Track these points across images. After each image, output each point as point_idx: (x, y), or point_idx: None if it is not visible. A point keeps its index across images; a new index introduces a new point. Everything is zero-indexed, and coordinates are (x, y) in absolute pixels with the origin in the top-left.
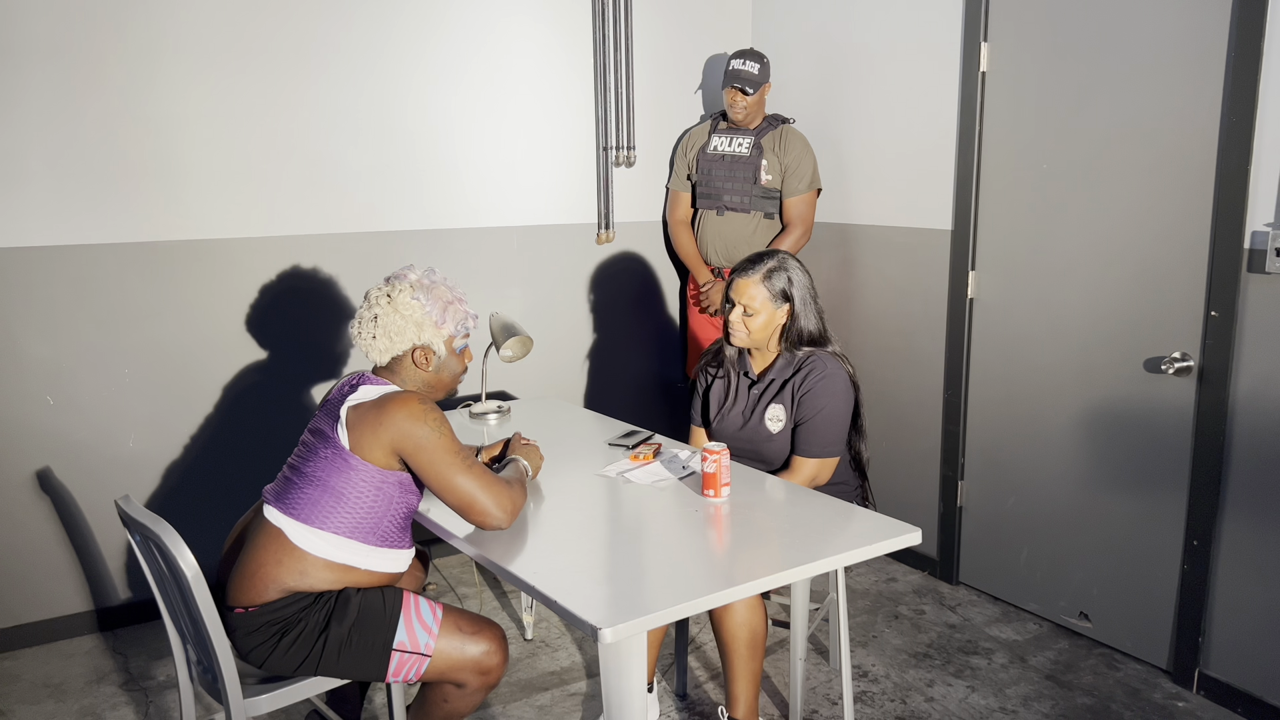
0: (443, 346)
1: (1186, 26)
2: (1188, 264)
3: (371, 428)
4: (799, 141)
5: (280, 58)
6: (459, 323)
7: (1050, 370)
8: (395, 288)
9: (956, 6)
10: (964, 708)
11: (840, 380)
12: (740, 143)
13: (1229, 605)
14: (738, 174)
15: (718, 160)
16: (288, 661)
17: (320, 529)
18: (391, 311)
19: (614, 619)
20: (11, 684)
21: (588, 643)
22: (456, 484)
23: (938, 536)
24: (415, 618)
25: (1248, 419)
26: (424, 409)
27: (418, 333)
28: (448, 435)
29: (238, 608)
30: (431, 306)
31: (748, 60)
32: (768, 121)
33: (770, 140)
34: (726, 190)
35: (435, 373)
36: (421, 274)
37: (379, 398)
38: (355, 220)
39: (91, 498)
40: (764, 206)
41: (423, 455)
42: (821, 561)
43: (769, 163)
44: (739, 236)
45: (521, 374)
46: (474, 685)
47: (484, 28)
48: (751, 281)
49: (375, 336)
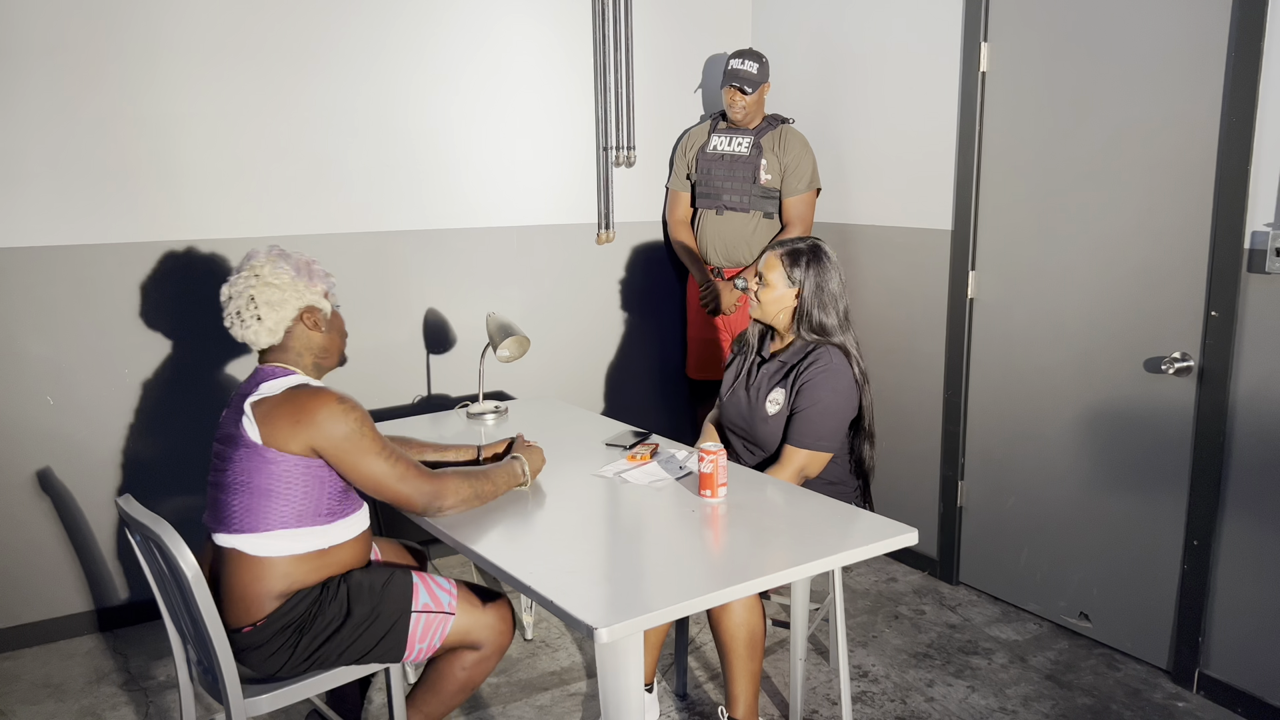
0: (325, 302)
1: (1186, 26)
2: (1188, 264)
3: (289, 426)
4: (798, 141)
5: (280, 57)
6: (324, 280)
7: (1050, 370)
8: (254, 268)
9: (956, 6)
10: (964, 708)
11: (843, 377)
12: (740, 142)
13: (1229, 605)
14: (737, 173)
15: (717, 160)
16: (311, 659)
17: (269, 531)
18: (265, 286)
19: (611, 619)
20: (11, 684)
21: (588, 643)
22: (381, 478)
23: (938, 536)
24: (433, 584)
25: (1248, 419)
26: (343, 408)
27: (298, 296)
28: (369, 431)
29: (245, 627)
30: (296, 271)
31: (746, 60)
32: (767, 121)
33: (770, 140)
34: (726, 190)
35: (327, 332)
36: (267, 250)
37: (288, 392)
38: (355, 220)
39: (91, 498)
40: (763, 206)
41: (345, 455)
42: (818, 562)
43: (768, 162)
44: (738, 236)
45: (520, 374)
46: (490, 647)
47: (484, 27)
48: (774, 255)
49: (260, 317)
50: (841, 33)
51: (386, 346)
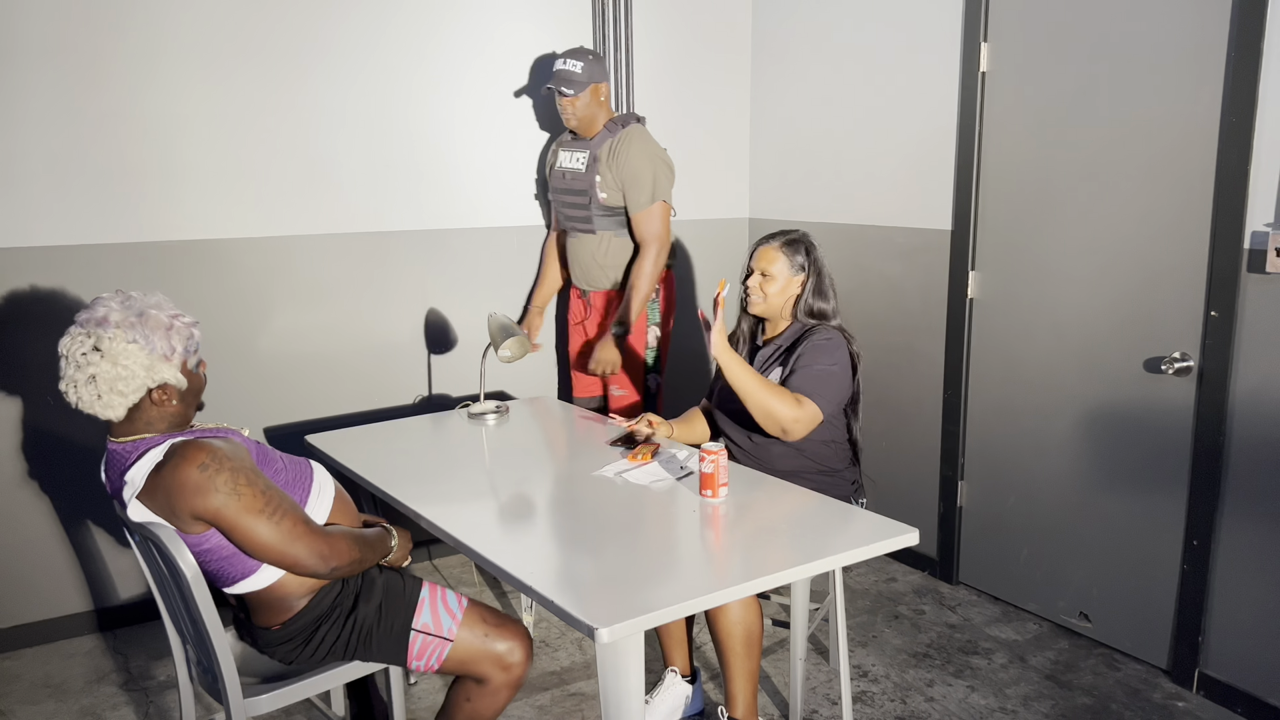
0: (179, 376)
1: (1186, 26)
2: (1188, 264)
3: (170, 516)
4: (637, 149)
5: (280, 57)
6: (186, 342)
7: (1050, 370)
8: (99, 338)
9: (956, 6)
10: (964, 708)
11: (841, 350)
12: (578, 157)
13: (1229, 605)
14: (577, 193)
15: (560, 178)
16: (320, 652)
17: (260, 570)
18: (110, 365)
19: (611, 619)
20: (11, 684)
21: (588, 642)
22: (267, 543)
23: (938, 536)
24: (440, 603)
25: (1247, 419)
26: (205, 475)
27: (148, 375)
28: (244, 488)
29: (274, 625)
30: (153, 341)
31: (569, 59)
32: (608, 128)
33: (605, 151)
34: (569, 211)
35: (180, 402)
36: (121, 308)
37: (150, 480)
38: (355, 220)
39: (91, 498)
40: (609, 226)
41: (226, 527)
42: (818, 562)
43: (603, 178)
44: (590, 259)
45: (520, 374)
46: (497, 682)
47: (484, 28)
48: (772, 248)
49: (100, 396)
50: (842, 33)
51: (387, 346)
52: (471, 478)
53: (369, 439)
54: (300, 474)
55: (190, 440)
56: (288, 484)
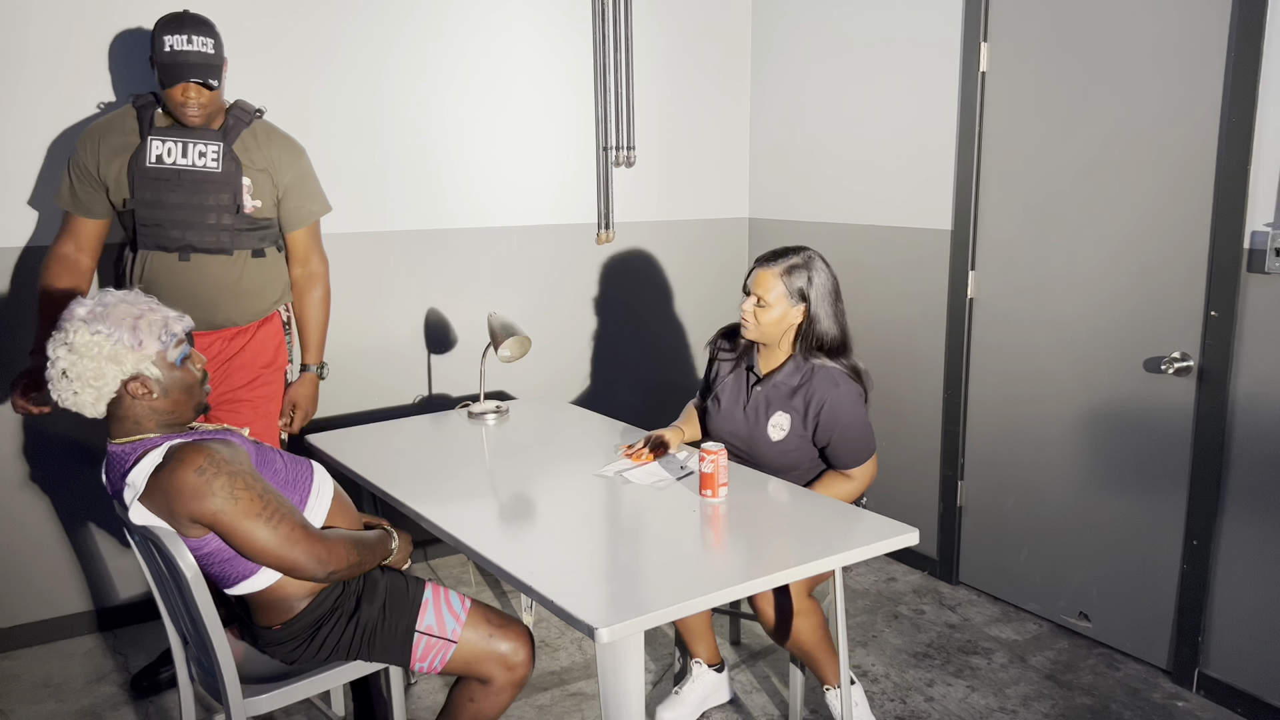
0: (154, 367)
1: (1186, 26)
2: (1187, 264)
3: (170, 518)
4: (292, 146)
5: (281, 58)
6: (159, 332)
7: (1050, 370)
8: (68, 332)
9: (956, 6)
10: (964, 708)
11: (851, 391)
12: (204, 152)
13: (1229, 605)
14: (208, 200)
15: (167, 180)
16: (324, 652)
17: (259, 571)
18: (76, 358)
19: (611, 619)
20: (11, 684)
21: (588, 642)
22: (265, 547)
23: (937, 536)
24: (444, 604)
25: (1248, 419)
26: (203, 479)
27: (118, 367)
28: (241, 491)
29: (275, 625)
30: (117, 332)
31: (195, 35)
32: (233, 117)
33: (247, 147)
34: (190, 224)
35: (164, 397)
36: (91, 303)
37: (150, 482)
38: (355, 220)
39: (91, 498)
40: (252, 243)
41: (224, 531)
42: (819, 562)
43: (253, 182)
44: (219, 286)
45: (520, 374)
46: (500, 682)
47: (485, 28)
48: (770, 274)
49: (76, 392)
50: (841, 32)
51: (387, 346)
52: (471, 478)
53: (369, 439)
54: (300, 474)
55: (189, 443)
56: (287, 485)
